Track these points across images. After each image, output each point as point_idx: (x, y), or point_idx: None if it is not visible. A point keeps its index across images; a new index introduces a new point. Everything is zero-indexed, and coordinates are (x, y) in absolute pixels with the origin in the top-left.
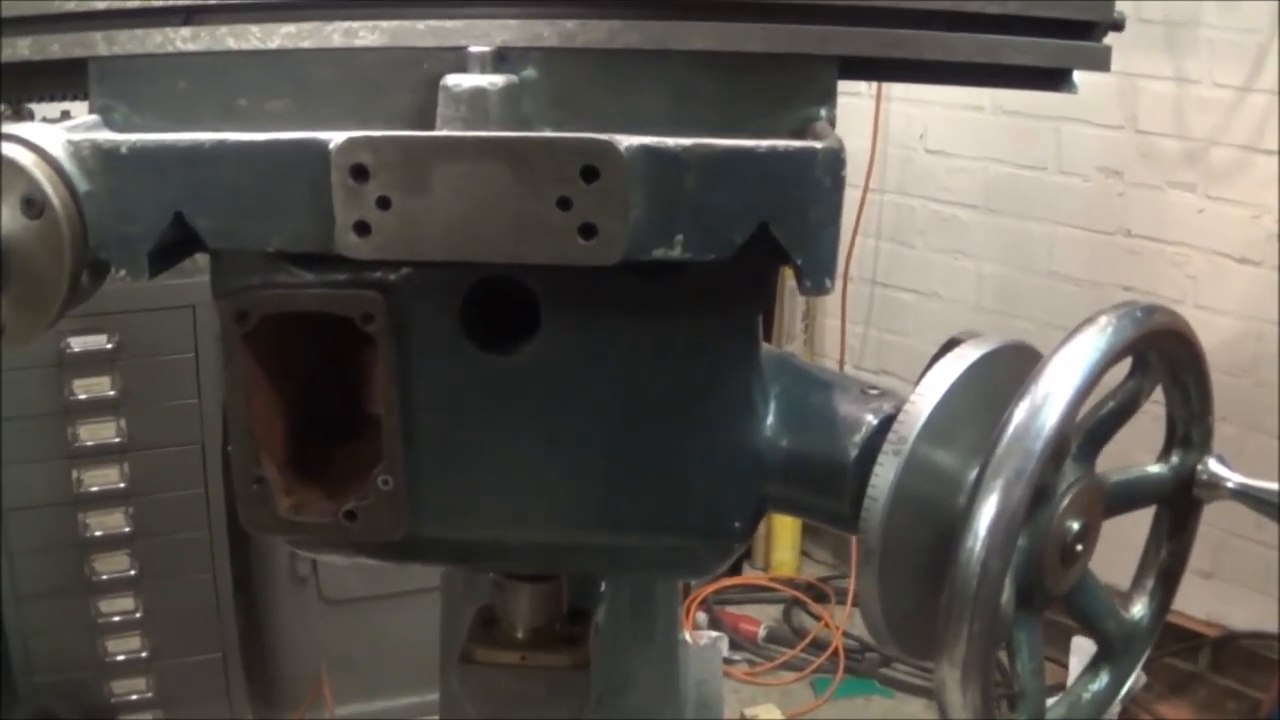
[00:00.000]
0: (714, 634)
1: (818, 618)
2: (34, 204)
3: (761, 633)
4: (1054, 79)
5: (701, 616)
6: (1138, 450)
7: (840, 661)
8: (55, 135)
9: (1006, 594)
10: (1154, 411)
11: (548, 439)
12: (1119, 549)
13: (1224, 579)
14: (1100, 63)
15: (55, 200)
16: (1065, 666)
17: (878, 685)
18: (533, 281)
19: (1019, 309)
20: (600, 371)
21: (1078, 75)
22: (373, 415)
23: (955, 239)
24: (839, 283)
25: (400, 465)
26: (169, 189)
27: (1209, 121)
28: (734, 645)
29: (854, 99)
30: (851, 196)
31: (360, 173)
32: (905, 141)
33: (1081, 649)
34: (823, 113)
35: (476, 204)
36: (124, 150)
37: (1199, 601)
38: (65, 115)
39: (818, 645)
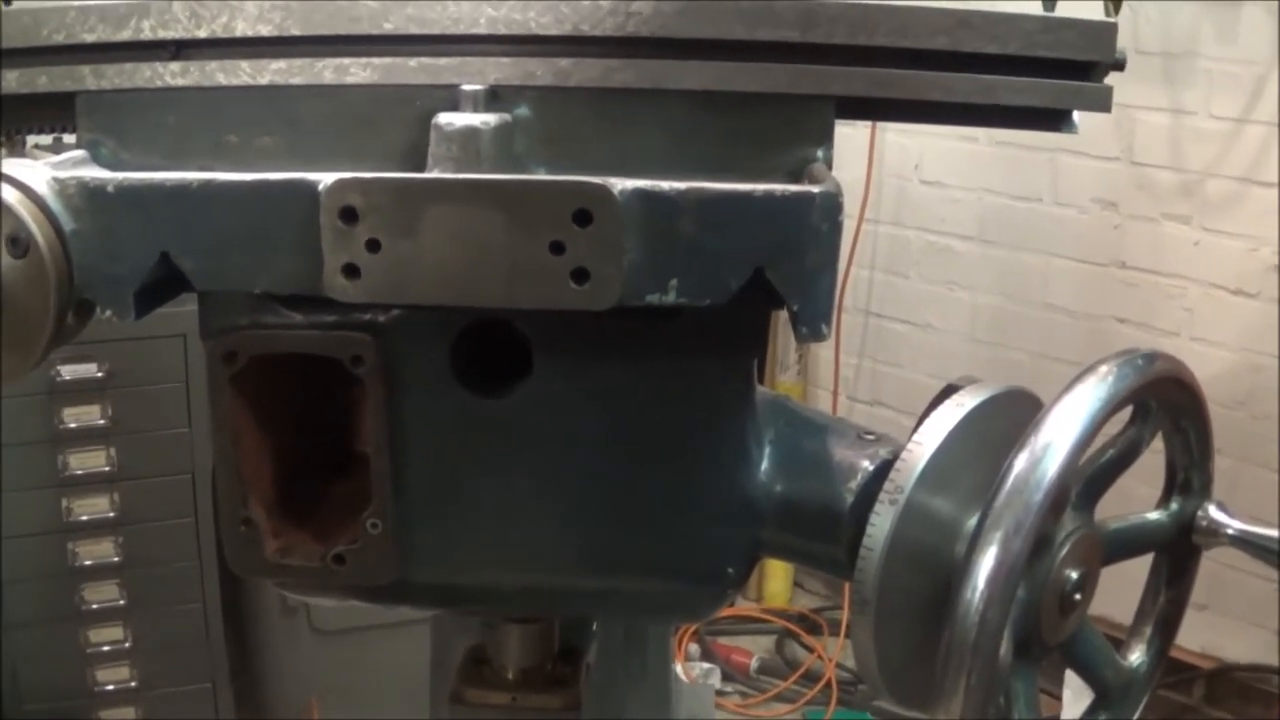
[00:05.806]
0: (706, 666)
1: (810, 649)
2: (19, 243)
3: (754, 664)
4: (1054, 119)
5: (694, 648)
6: (1136, 485)
7: (833, 694)
8: (41, 173)
9: (1004, 645)
10: (1155, 446)
11: (539, 483)
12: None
13: (1219, 611)
14: (1101, 103)
15: (40, 239)
16: (1059, 698)
17: (870, 718)
18: (525, 324)
19: (1013, 340)
20: (592, 415)
21: (1077, 115)
22: (363, 454)
23: (949, 270)
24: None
25: (389, 508)
26: (155, 229)
27: (1206, 153)
28: (726, 677)
29: (849, 129)
30: (846, 227)
31: (350, 215)
32: (900, 172)
33: (1075, 681)
34: (820, 154)
35: (468, 247)
36: (110, 189)
37: (1194, 634)
38: (58, 141)
39: (810, 677)
